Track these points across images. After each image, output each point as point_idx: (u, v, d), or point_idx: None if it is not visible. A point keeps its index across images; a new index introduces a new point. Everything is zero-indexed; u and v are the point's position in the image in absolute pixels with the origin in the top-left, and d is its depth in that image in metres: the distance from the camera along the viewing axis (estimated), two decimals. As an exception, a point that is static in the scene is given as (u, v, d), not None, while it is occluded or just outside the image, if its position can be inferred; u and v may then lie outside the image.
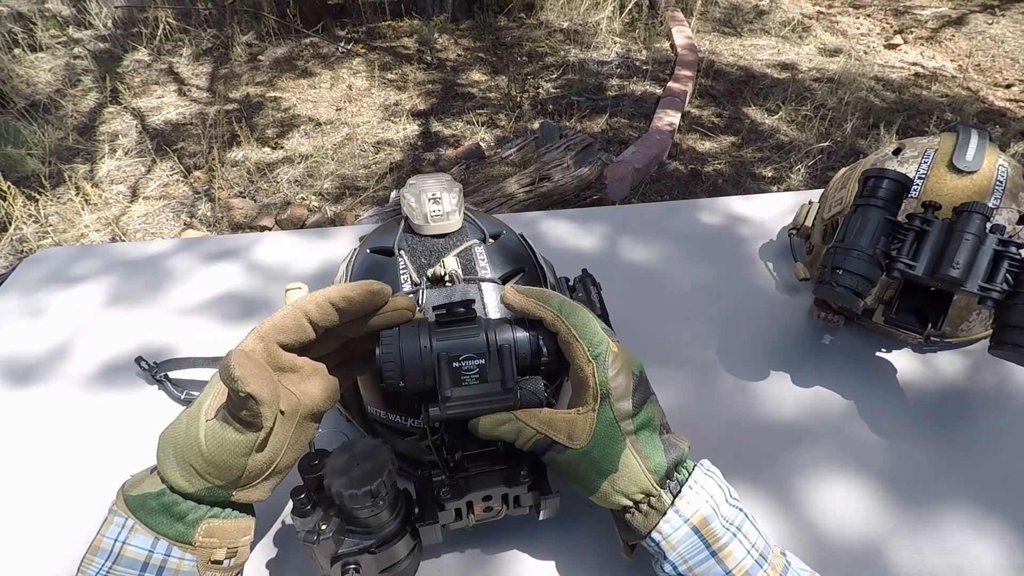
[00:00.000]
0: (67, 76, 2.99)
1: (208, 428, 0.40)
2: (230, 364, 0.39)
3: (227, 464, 0.40)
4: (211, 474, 0.40)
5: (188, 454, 0.40)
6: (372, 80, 2.97)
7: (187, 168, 2.36)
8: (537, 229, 0.88)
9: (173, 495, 0.41)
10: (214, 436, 0.40)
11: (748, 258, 0.83)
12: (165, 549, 0.40)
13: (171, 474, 0.41)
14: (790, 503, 0.55)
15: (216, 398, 0.42)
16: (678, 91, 2.75)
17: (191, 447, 0.40)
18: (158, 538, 0.40)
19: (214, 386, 0.43)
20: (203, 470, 0.40)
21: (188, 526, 0.41)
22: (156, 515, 0.40)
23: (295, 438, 0.44)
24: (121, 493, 0.42)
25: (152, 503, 0.41)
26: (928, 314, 0.60)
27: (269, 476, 0.43)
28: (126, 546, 0.40)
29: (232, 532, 0.43)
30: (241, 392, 0.38)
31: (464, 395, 0.43)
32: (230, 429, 0.40)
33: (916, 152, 0.67)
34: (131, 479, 0.43)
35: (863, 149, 2.46)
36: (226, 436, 0.40)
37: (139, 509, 0.40)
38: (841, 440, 0.60)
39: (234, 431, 0.40)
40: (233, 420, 0.40)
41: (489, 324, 0.45)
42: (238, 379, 0.38)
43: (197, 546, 0.41)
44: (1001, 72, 3.09)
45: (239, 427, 0.40)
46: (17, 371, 0.69)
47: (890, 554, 0.51)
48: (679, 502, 0.42)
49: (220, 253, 0.85)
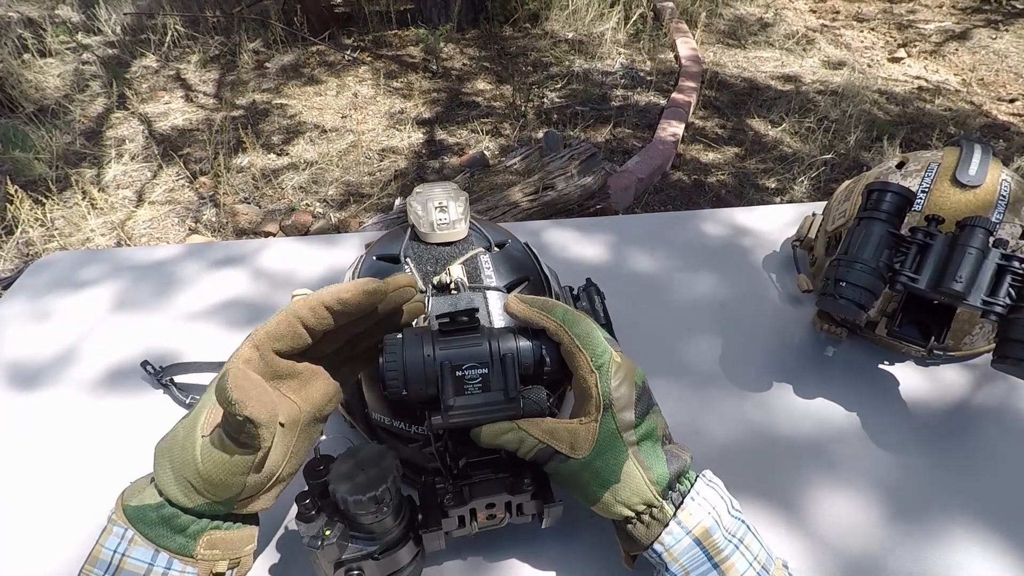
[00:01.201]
0: (75, 81, 3.02)
1: (204, 446, 0.39)
2: (227, 387, 0.37)
3: (225, 483, 0.39)
4: (209, 492, 0.39)
5: (185, 471, 0.39)
6: (378, 88, 2.99)
7: (193, 174, 2.37)
8: (541, 238, 0.88)
9: (173, 508, 0.40)
10: (210, 456, 0.39)
11: (751, 269, 0.83)
12: (166, 562, 0.39)
13: (169, 488, 0.40)
14: (792, 515, 0.55)
15: (212, 412, 0.41)
16: (682, 102, 2.76)
17: (188, 464, 0.39)
18: (159, 551, 0.39)
19: (210, 399, 0.42)
20: (201, 487, 0.39)
21: (189, 539, 0.40)
22: (156, 527, 0.39)
23: (298, 446, 0.43)
24: (120, 502, 0.41)
25: (152, 515, 0.40)
26: (931, 327, 0.60)
27: (271, 487, 0.43)
28: (125, 558, 0.39)
29: (235, 543, 0.42)
30: (239, 416, 0.37)
31: (467, 404, 0.43)
32: (227, 449, 0.39)
33: (919, 166, 0.67)
34: (130, 487, 0.42)
35: (866, 162, 2.46)
36: (223, 457, 0.39)
37: (138, 521, 0.39)
38: (843, 452, 0.60)
39: (231, 451, 0.39)
40: (230, 441, 0.39)
41: (492, 333, 0.45)
42: (236, 403, 0.36)
43: (199, 559, 0.40)
44: (1005, 86, 3.09)
45: (235, 448, 0.39)
46: (23, 374, 0.69)
47: (891, 567, 0.51)
48: (681, 513, 0.42)
49: (225, 259, 0.86)
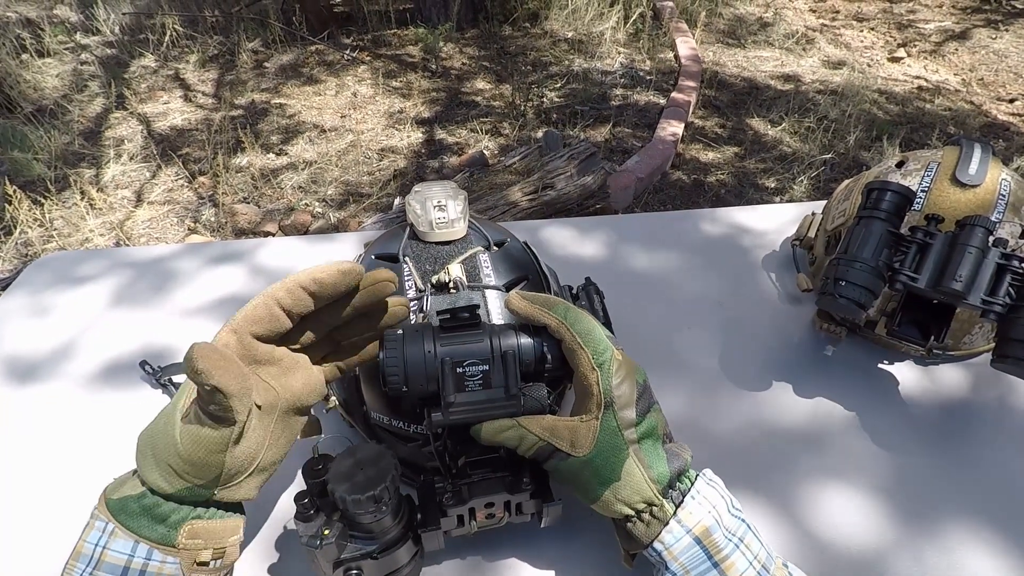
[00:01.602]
0: (74, 81, 3.02)
1: (183, 427, 0.40)
2: (193, 358, 0.37)
3: (204, 462, 0.39)
4: (189, 473, 0.40)
5: (166, 454, 0.40)
6: (377, 87, 2.99)
7: (192, 174, 2.37)
8: (540, 237, 0.88)
9: (154, 497, 0.40)
10: (188, 434, 0.39)
11: (751, 268, 0.83)
12: (146, 553, 0.39)
13: (150, 475, 0.40)
14: (791, 514, 0.55)
15: (190, 395, 0.42)
16: (682, 101, 2.76)
17: (168, 447, 0.40)
18: (138, 541, 0.39)
19: (189, 384, 0.42)
20: (181, 469, 0.40)
21: (171, 528, 0.40)
22: (137, 518, 0.40)
23: (277, 434, 0.43)
24: (103, 496, 0.41)
25: (133, 505, 0.40)
26: (930, 327, 0.60)
27: (253, 473, 0.42)
28: (106, 551, 0.39)
29: (218, 532, 0.42)
30: (206, 385, 0.37)
31: (467, 401, 0.43)
32: (203, 425, 0.39)
33: (919, 165, 0.67)
34: (113, 482, 0.43)
35: (866, 161, 2.46)
36: (200, 433, 0.39)
37: (120, 512, 0.40)
38: (843, 452, 0.60)
39: (207, 427, 0.39)
40: (204, 416, 0.39)
41: (494, 330, 0.45)
42: (202, 372, 0.37)
43: (180, 548, 0.40)
44: (1004, 86, 3.09)
45: (211, 423, 0.39)
46: (22, 374, 0.69)
47: (891, 566, 0.51)
48: (681, 512, 0.42)
49: (224, 258, 0.86)
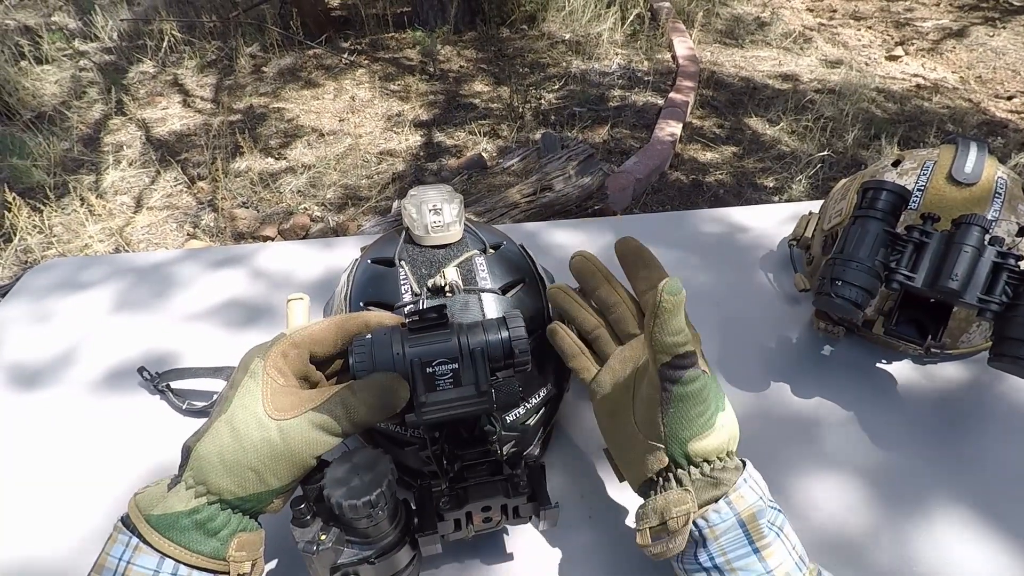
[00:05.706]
0: (73, 88, 3.02)
1: (289, 426, 0.41)
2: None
3: (304, 463, 0.42)
4: (276, 474, 0.41)
5: (252, 456, 0.40)
6: (375, 91, 2.99)
7: (191, 179, 2.38)
8: (539, 239, 0.88)
9: (208, 510, 0.40)
10: (300, 434, 0.41)
11: (748, 268, 0.83)
12: (172, 568, 0.39)
13: (220, 481, 0.40)
14: (790, 514, 0.54)
15: (271, 398, 0.42)
16: (680, 102, 2.77)
17: (257, 449, 0.40)
18: (163, 557, 0.39)
19: (259, 386, 0.42)
20: (271, 469, 0.41)
21: (221, 542, 0.40)
22: (189, 533, 0.39)
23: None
24: (140, 513, 0.40)
25: (184, 521, 0.39)
26: (928, 326, 0.60)
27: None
28: (131, 566, 0.39)
29: (255, 544, 0.43)
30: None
31: (439, 400, 0.43)
32: (322, 432, 0.42)
33: (915, 164, 0.67)
34: (145, 497, 0.41)
35: (864, 160, 2.46)
36: (313, 436, 0.42)
37: (169, 528, 0.39)
38: (841, 451, 0.60)
39: (326, 435, 0.42)
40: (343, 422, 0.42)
41: (461, 328, 0.45)
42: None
43: (230, 561, 0.40)
44: (1002, 84, 3.10)
45: (334, 433, 0.42)
46: (21, 380, 0.69)
47: (890, 565, 0.51)
48: (733, 495, 0.42)
49: (223, 263, 0.86)
